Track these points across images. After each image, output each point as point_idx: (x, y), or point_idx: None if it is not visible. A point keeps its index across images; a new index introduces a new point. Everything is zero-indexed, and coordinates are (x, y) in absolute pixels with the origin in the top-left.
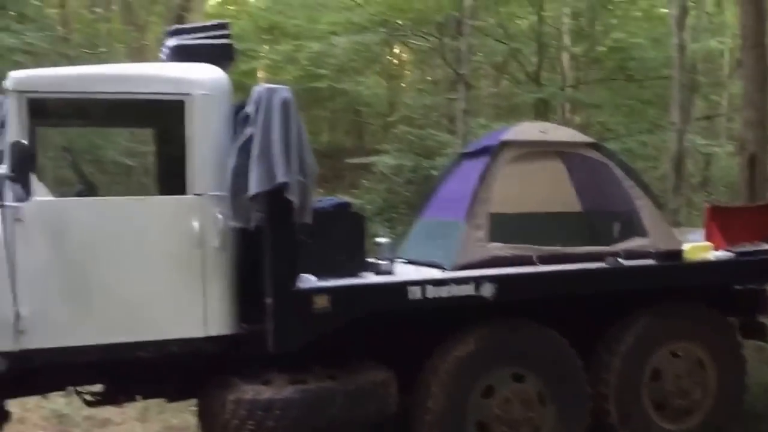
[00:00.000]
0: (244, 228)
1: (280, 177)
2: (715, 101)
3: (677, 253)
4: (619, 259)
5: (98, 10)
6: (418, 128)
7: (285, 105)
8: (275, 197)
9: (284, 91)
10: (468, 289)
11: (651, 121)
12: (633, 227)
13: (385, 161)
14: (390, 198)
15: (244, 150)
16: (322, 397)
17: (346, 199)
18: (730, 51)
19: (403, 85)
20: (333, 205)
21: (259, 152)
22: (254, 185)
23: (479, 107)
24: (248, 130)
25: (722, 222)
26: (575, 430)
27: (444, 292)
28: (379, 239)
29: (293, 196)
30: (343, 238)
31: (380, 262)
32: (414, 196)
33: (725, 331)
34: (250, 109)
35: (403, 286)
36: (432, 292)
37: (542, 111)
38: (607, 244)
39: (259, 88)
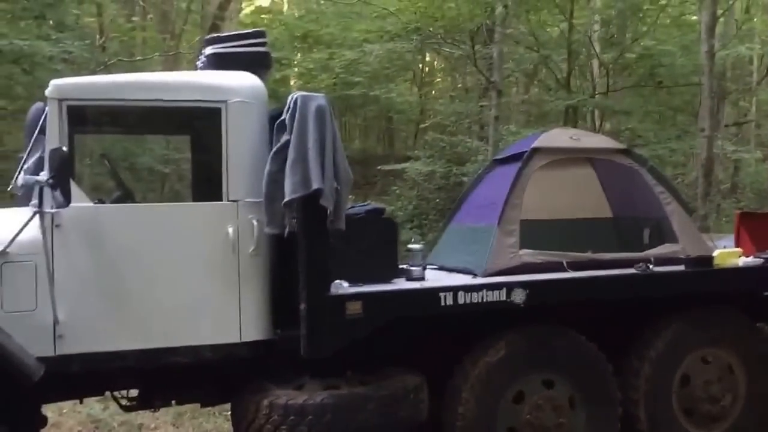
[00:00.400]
0: (279, 234)
1: (315, 183)
2: (744, 107)
3: (707, 260)
4: (650, 266)
5: (135, 18)
6: (449, 135)
7: (320, 112)
8: (310, 203)
9: (320, 99)
10: (499, 295)
11: (680, 128)
12: (663, 233)
13: (416, 168)
14: (421, 204)
15: (280, 156)
16: (354, 402)
17: (379, 205)
18: (759, 57)
19: (434, 92)
20: (366, 211)
21: (294, 159)
22: (289, 191)
23: (510, 114)
24: (284, 137)
25: (752, 228)
26: None
27: (475, 298)
28: (411, 245)
29: (327, 203)
30: (375, 244)
31: (412, 268)
32: (445, 203)
33: (755, 337)
34: (285, 116)
35: (435, 292)
36: (463, 298)
37: (572, 118)
38: (638, 251)
39: (295, 95)
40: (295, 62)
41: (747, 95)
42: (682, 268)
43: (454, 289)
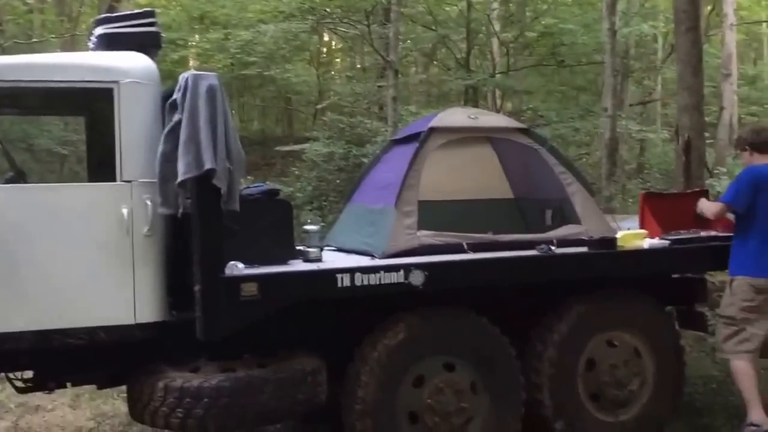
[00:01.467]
0: (173, 215)
1: (208, 163)
2: (648, 86)
3: (610, 241)
4: (552, 247)
5: (31, 1)
6: (348, 116)
7: (211, 91)
8: (202, 184)
9: (211, 78)
10: (397, 277)
11: (583, 108)
12: (566, 214)
13: (315, 149)
14: (321, 186)
15: (172, 136)
16: (251, 385)
17: (275, 185)
18: (664, 35)
19: (333, 72)
20: (261, 191)
21: (186, 139)
22: (182, 172)
23: (409, 94)
24: (175, 117)
25: (657, 209)
26: (509, 420)
27: (373, 279)
28: (308, 227)
29: (220, 183)
30: (271, 225)
31: (309, 249)
32: (345, 184)
33: (663, 321)
34: (177, 95)
35: (331, 273)
36: (361, 279)
37: (472, 98)
38: (540, 232)
39: (186, 74)
40: (192, 43)
41: (652, 74)
42: (584, 249)
43: (351, 271)
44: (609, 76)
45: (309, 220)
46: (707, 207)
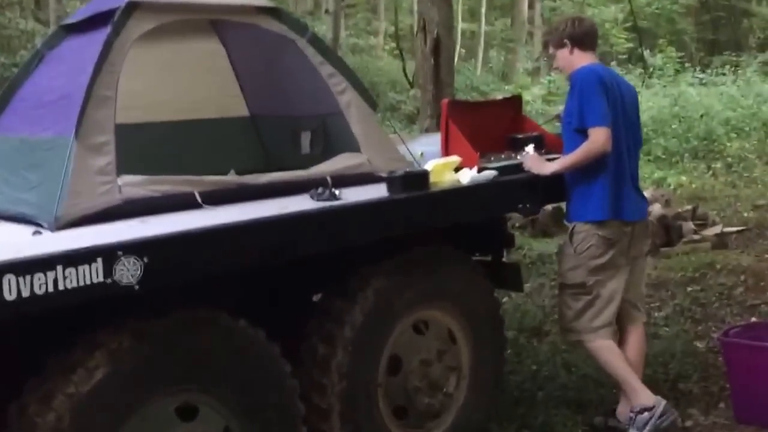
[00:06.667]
0: None
1: None
2: None
3: (420, 177)
4: (335, 191)
5: None
6: None
7: None
8: None
9: None
10: (92, 274)
11: None
12: (334, 137)
13: None
14: None
15: None
16: None
17: None
18: None
19: None
20: None
21: None
22: None
23: None
24: None
25: (465, 125)
26: None
27: (40, 286)
28: None
29: None
30: None
31: None
32: None
33: (479, 285)
34: None
35: None
36: (15, 288)
37: None
38: (302, 166)
39: None
40: None
41: None
42: (377, 190)
43: None
44: None
45: None
46: (582, 153)
